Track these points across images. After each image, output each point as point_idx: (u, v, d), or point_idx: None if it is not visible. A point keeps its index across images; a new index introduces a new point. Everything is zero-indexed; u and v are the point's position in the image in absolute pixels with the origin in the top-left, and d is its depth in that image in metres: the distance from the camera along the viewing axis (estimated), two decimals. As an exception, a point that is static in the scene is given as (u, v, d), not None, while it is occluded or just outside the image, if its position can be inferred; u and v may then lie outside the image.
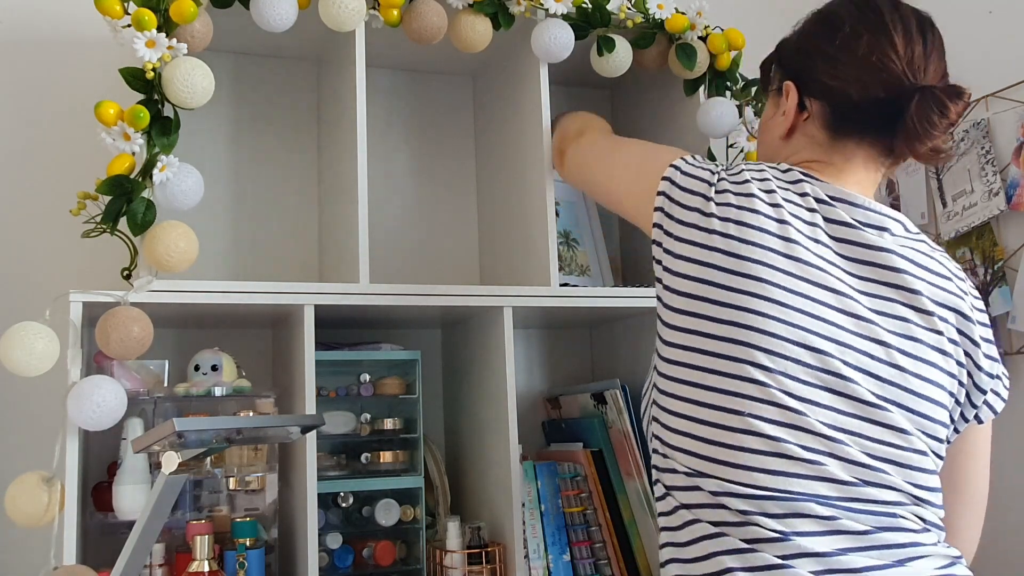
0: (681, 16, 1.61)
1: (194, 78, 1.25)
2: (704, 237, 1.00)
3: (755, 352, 0.94)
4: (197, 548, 1.22)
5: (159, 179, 1.25)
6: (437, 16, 1.44)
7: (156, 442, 0.97)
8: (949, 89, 1.02)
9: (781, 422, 0.93)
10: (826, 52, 1.07)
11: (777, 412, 0.93)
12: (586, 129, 1.43)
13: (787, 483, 0.92)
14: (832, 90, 1.07)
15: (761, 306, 0.95)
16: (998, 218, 1.62)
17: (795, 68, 1.12)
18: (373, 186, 1.68)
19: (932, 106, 1.01)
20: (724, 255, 0.98)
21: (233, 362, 1.42)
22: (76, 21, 1.60)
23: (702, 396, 0.96)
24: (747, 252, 0.97)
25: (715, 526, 0.94)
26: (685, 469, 0.98)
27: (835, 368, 0.94)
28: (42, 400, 1.43)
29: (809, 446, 0.93)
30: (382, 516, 1.47)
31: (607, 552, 1.54)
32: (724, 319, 0.96)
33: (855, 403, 0.95)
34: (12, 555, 1.44)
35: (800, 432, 0.93)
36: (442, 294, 1.44)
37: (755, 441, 0.93)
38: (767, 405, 0.93)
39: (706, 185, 1.04)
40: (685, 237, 1.01)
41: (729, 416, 0.94)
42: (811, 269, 0.97)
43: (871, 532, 0.92)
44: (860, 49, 1.04)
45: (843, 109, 1.07)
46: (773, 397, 0.93)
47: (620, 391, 1.55)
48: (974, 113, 1.68)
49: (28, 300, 1.43)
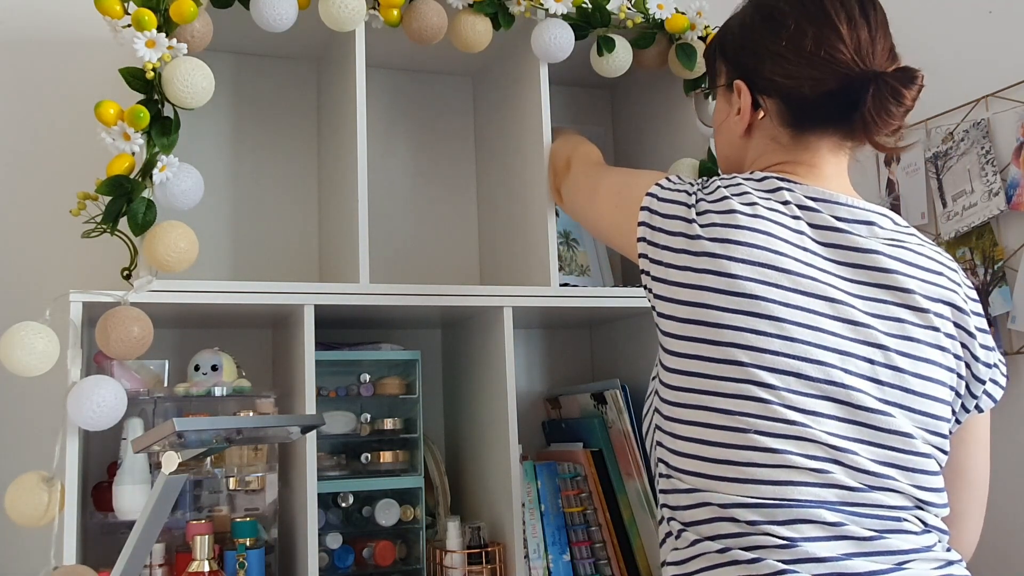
0: (681, 16, 1.61)
1: (194, 78, 1.25)
2: (692, 260, 0.99)
3: (756, 371, 0.94)
4: (197, 548, 1.22)
5: (159, 179, 1.25)
6: (437, 16, 1.44)
7: (156, 442, 0.97)
8: (902, 75, 1.01)
9: (785, 435, 0.93)
10: (773, 51, 1.06)
11: (781, 427, 0.93)
12: (573, 160, 1.42)
13: (794, 491, 0.92)
14: (784, 88, 1.06)
15: (758, 324, 0.95)
16: (998, 218, 1.62)
17: (743, 66, 1.11)
18: (373, 186, 1.68)
19: (887, 95, 1.00)
20: (715, 276, 0.97)
21: (233, 362, 1.42)
22: (76, 21, 1.60)
23: (707, 418, 0.96)
24: (737, 270, 0.96)
25: (720, 540, 0.94)
26: (689, 487, 0.98)
27: (836, 378, 0.94)
28: (42, 400, 1.43)
29: (814, 455, 0.93)
30: (382, 516, 1.47)
31: (607, 552, 1.54)
32: (722, 341, 0.96)
33: (858, 411, 0.95)
34: (12, 555, 1.44)
35: (804, 443, 0.93)
36: (442, 294, 1.44)
37: (760, 456, 0.93)
38: (771, 421, 0.93)
39: (685, 208, 1.03)
40: (673, 263, 1.01)
41: (734, 435, 0.94)
42: (803, 280, 0.97)
43: (875, 537, 0.92)
44: (807, 45, 1.03)
45: (799, 105, 1.06)
46: (776, 413, 0.93)
47: (620, 391, 1.55)
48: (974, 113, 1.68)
49: (28, 300, 1.43)
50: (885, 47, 1.04)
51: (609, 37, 1.57)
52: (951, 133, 1.70)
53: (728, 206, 1.00)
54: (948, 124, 1.71)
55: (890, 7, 1.08)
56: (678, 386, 0.99)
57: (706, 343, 0.97)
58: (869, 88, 1.00)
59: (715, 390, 0.96)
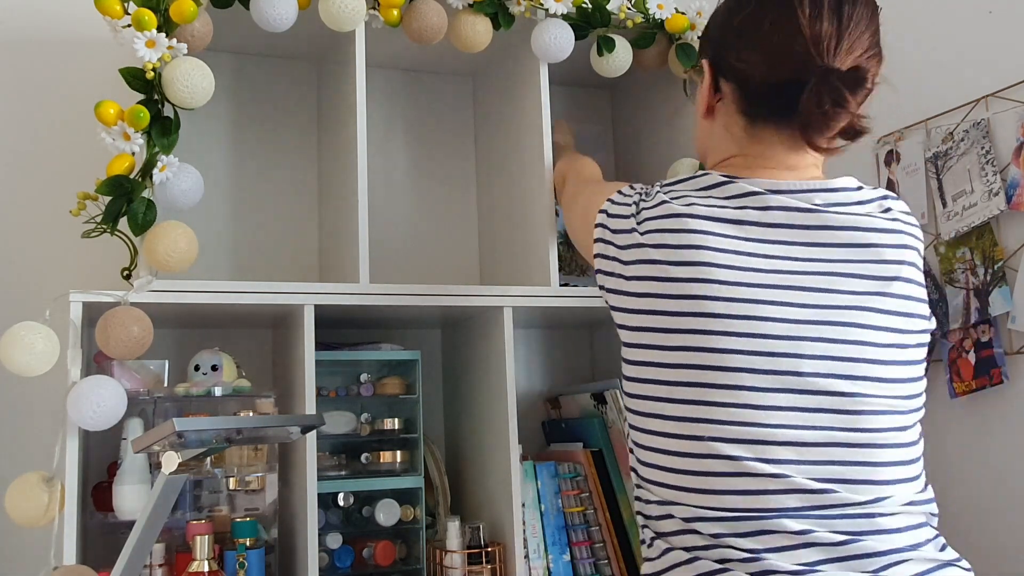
0: (681, 16, 1.61)
1: (194, 78, 1.25)
2: (642, 269, 0.99)
3: (708, 372, 0.92)
4: (197, 548, 1.22)
5: (159, 179, 1.25)
6: (437, 16, 1.44)
7: (156, 442, 0.97)
8: (850, 75, 0.94)
9: (741, 439, 0.90)
10: (732, 32, 1.03)
11: (737, 430, 0.91)
12: (567, 178, 1.44)
13: (755, 501, 0.90)
14: (739, 72, 1.03)
15: (705, 324, 0.93)
16: (998, 218, 1.62)
17: (711, 46, 1.09)
18: (373, 186, 1.68)
19: (825, 94, 0.94)
20: (661, 282, 0.96)
21: (233, 362, 1.42)
22: (76, 21, 1.60)
23: (666, 427, 0.95)
24: (681, 273, 0.95)
25: (688, 552, 0.93)
26: (658, 499, 0.97)
27: (793, 367, 0.91)
28: (42, 400, 1.43)
29: (772, 458, 0.90)
30: (382, 516, 1.47)
31: (607, 552, 1.54)
32: (673, 345, 0.95)
33: (819, 397, 0.91)
34: (12, 555, 1.43)
35: (762, 446, 0.90)
36: (442, 294, 1.44)
37: (719, 464, 0.91)
38: (727, 425, 0.91)
39: (630, 220, 1.03)
40: (626, 274, 1.01)
41: (693, 443, 0.93)
42: (750, 273, 0.94)
43: (847, 542, 0.88)
44: (764, 27, 0.98)
45: (750, 92, 1.02)
46: (733, 416, 0.91)
47: (620, 391, 1.55)
48: (974, 113, 1.67)
49: (28, 300, 1.43)
50: (855, 46, 0.97)
51: (609, 37, 1.57)
52: (951, 133, 1.70)
53: (668, 211, 0.99)
54: (948, 124, 1.71)
55: (891, 7, 1.08)
56: (638, 394, 0.99)
57: (658, 349, 0.96)
58: (811, 82, 0.94)
59: (671, 396, 0.95)
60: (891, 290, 0.96)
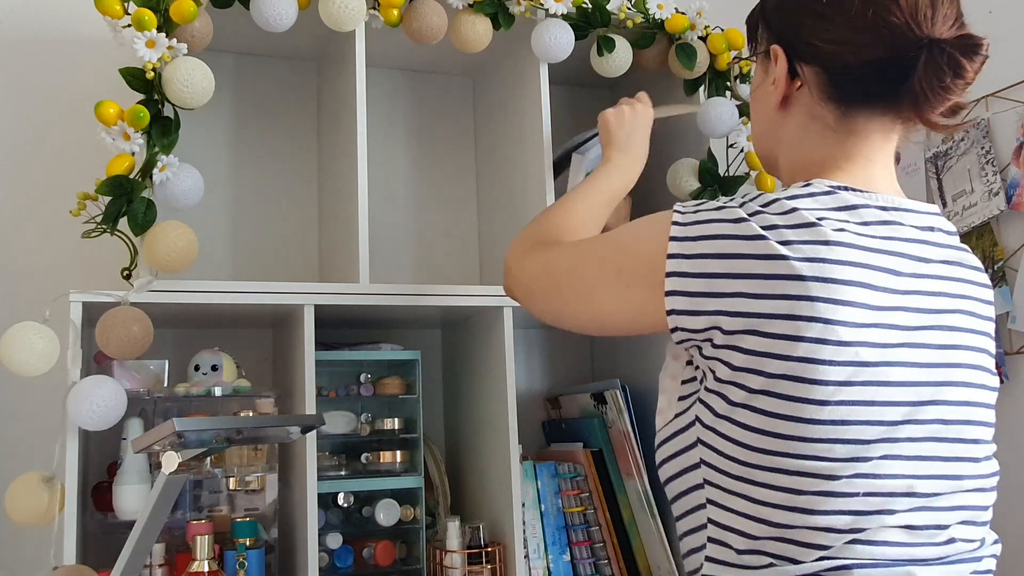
0: (681, 16, 1.61)
1: (194, 78, 1.25)
2: (786, 306, 0.82)
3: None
4: (197, 548, 1.22)
5: (159, 179, 1.25)
6: (437, 16, 1.44)
7: (156, 442, 0.97)
8: (962, 43, 0.86)
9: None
10: (814, 11, 0.93)
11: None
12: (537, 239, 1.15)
13: None
14: (825, 54, 0.93)
15: (874, 394, 0.83)
16: (998, 218, 1.62)
17: (782, 29, 0.98)
18: (373, 186, 1.68)
19: (943, 65, 0.86)
20: (820, 324, 0.81)
21: (233, 362, 1.42)
22: (76, 21, 1.60)
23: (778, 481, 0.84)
24: (842, 319, 0.81)
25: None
26: (745, 544, 0.86)
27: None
28: (42, 400, 1.43)
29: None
30: (382, 516, 1.47)
31: (607, 552, 1.54)
32: (831, 420, 0.82)
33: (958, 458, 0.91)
34: (12, 555, 1.44)
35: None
36: (442, 294, 1.44)
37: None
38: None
39: (732, 224, 0.86)
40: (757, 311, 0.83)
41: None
42: (900, 314, 0.85)
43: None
44: (854, 5, 0.89)
45: (842, 75, 0.92)
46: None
47: (620, 391, 1.55)
48: (974, 113, 1.67)
49: (28, 300, 1.43)
50: (949, 13, 0.89)
51: (609, 37, 1.57)
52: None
53: (819, 235, 0.84)
54: (948, 124, 1.71)
55: (890, 7, 1.07)
56: (742, 460, 0.85)
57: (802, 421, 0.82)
58: (921, 56, 0.86)
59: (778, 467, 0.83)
60: (984, 330, 0.94)
